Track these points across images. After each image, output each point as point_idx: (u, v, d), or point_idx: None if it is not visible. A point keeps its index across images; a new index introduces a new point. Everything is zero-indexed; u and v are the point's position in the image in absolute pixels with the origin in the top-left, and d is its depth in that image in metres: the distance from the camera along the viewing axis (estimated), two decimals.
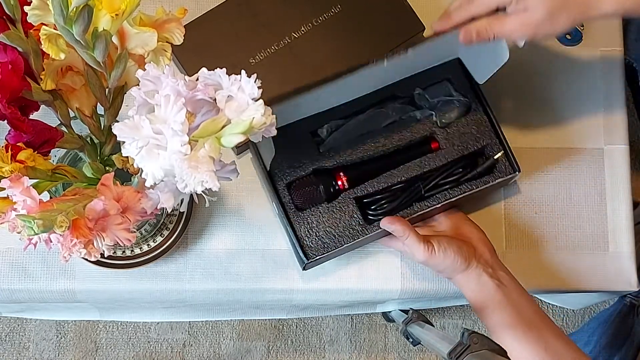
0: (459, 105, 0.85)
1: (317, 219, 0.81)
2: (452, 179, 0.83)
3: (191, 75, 0.53)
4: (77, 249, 0.54)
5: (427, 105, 0.85)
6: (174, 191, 0.57)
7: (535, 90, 0.93)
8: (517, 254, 0.89)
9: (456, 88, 0.85)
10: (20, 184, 0.53)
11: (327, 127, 0.84)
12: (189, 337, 1.53)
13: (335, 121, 0.84)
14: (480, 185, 0.83)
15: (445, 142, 0.84)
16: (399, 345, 1.55)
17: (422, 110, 0.85)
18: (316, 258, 0.81)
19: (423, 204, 0.82)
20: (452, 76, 0.85)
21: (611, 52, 0.94)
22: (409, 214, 0.82)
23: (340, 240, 0.81)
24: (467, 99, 0.85)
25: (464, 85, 0.85)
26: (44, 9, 0.53)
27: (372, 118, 0.84)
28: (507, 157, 0.84)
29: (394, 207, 0.82)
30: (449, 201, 0.82)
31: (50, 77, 0.59)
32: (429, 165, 0.83)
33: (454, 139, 0.84)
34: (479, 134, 0.84)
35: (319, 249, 0.81)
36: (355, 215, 0.82)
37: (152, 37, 0.57)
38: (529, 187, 0.91)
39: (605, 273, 0.90)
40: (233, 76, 0.52)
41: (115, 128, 0.50)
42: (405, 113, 0.85)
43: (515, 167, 0.83)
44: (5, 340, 1.51)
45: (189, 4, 0.90)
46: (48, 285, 0.84)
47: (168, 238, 0.82)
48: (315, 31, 0.87)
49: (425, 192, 0.82)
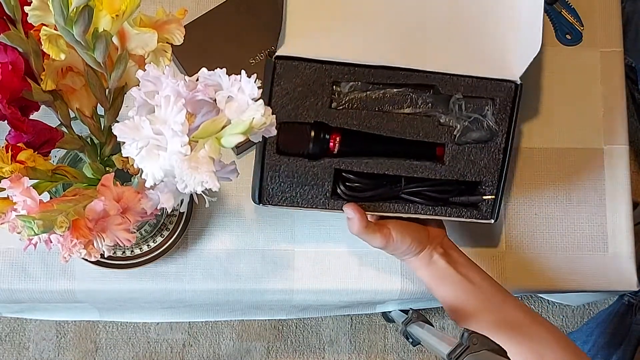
0: (485, 131, 0.78)
1: (290, 169, 0.77)
2: (434, 195, 0.79)
3: (191, 75, 0.53)
4: (77, 249, 0.54)
5: (457, 114, 0.78)
6: (174, 192, 0.57)
7: (535, 90, 0.93)
8: (517, 254, 0.89)
9: (494, 113, 0.78)
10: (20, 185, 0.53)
11: (351, 84, 0.77)
12: (189, 338, 1.53)
13: (363, 83, 0.77)
14: (452, 215, 0.79)
15: (451, 158, 0.78)
16: (399, 345, 1.55)
17: (449, 116, 0.78)
18: (268, 204, 0.77)
19: (392, 206, 0.78)
20: (499, 99, 0.77)
21: (611, 52, 0.94)
22: (374, 208, 0.78)
23: (300, 201, 0.77)
24: (497, 129, 0.78)
25: (504, 114, 0.78)
26: (44, 10, 0.53)
27: (399, 98, 0.78)
28: (494, 203, 0.79)
29: (367, 195, 0.78)
30: (417, 216, 0.79)
31: (50, 77, 0.59)
32: (421, 173, 0.78)
33: (460, 160, 0.78)
34: (485, 168, 0.79)
35: (276, 198, 0.77)
36: (326, 184, 0.77)
37: (152, 38, 0.57)
38: (529, 187, 0.91)
39: (605, 273, 0.90)
40: (233, 76, 0.52)
41: (115, 129, 0.50)
42: (432, 111, 0.78)
43: (495, 215, 0.79)
44: (5, 340, 1.51)
45: (189, 4, 0.90)
46: (48, 286, 0.84)
47: (168, 238, 0.82)
48: None
49: (402, 193, 0.79)
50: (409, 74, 0.77)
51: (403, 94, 0.78)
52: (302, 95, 0.76)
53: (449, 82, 0.77)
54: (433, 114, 0.79)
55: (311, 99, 0.76)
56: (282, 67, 0.75)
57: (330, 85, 0.76)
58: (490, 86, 0.77)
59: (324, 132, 0.77)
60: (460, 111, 0.78)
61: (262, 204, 0.77)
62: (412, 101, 0.78)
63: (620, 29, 0.95)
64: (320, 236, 0.88)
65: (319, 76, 0.76)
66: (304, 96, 0.76)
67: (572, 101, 0.93)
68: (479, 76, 0.77)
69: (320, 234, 0.88)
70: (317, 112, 0.76)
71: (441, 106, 0.79)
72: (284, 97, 0.76)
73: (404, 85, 0.78)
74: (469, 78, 0.77)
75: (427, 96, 0.78)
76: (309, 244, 0.87)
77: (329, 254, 0.88)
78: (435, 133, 0.78)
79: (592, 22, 0.95)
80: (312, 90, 0.76)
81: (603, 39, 0.95)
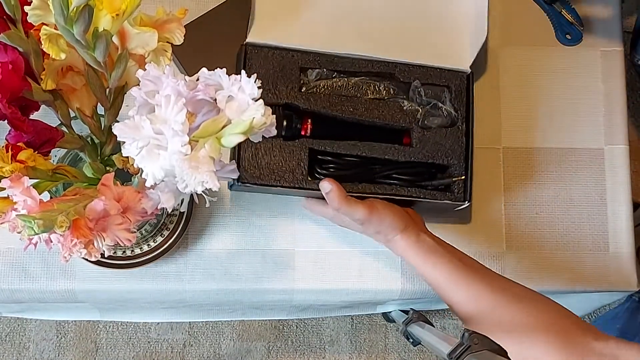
0: (445, 116, 0.84)
1: (266, 150, 0.80)
2: (406, 178, 0.82)
3: (191, 75, 0.53)
4: (78, 249, 0.54)
5: (417, 100, 0.84)
6: (174, 191, 0.57)
7: (535, 90, 0.93)
8: (517, 255, 0.89)
9: (452, 99, 0.84)
10: (20, 184, 0.53)
11: (318, 71, 0.82)
12: (189, 338, 1.53)
13: (329, 71, 0.83)
14: (427, 197, 0.82)
15: (417, 142, 0.83)
16: (399, 345, 1.55)
17: (411, 102, 0.84)
18: (246, 183, 0.79)
19: (368, 187, 0.81)
20: (454, 86, 0.84)
21: (611, 52, 0.94)
22: (352, 188, 0.81)
23: (277, 180, 0.80)
24: (456, 114, 0.84)
25: (461, 100, 0.84)
26: (45, 9, 0.53)
27: (362, 86, 0.83)
28: (465, 184, 0.83)
29: (342, 175, 0.81)
30: (393, 196, 0.81)
31: (50, 77, 0.59)
32: (392, 155, 0.82)
33: (427, 143, 0.83)
34: (451, 151, 0.83)
35: (253, 177, 0.79)
36: (302, 163, 0.80)
37: (152, 37, 0.57)
38: (529, 187, 0.91)
39: (606, 273, 0.90)
40: (233, 76, 0.52)
41: (115, 128, 0.50)
42: (395, 97, 0.84)
43: (467, 196, 0.82)
44: (6, 340, 1.51)
45: (189, 4, 0.90)
46: (48, 285, 0.84)
47: (168, 238, 0.82)
48: None
49: (377, 177, 0.82)
50: (370, 62, 0.84)
51: (365, 81, 0.84)
52: (272, 80, 0.81)
53: (406, 71, 0.84)
54: (395, 100, 0.84)
55: (281, 84, 0.81)
56: (252, 53, 0.81)
57: (298, 72, 0.82)
58: (445, 74, 0.84)
59: (295, 114, 0.81)
60: (420, 97, 0.84)
61: (241, 182, 0.79)
62: (375, 88, 0.84)
63: (620, 28, 0.95)
64: (320, 236, 0.88)
65: (287, 63, 0.82)
66: (275, 81, 0.81)
67: (572, 101, 0.93)
68: (433, 65, 0.84)
69: (321, 233, 0.88)
70: (288, 96, 0.81)
71: (402, 93, 0.84)
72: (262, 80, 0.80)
73: (366, 74, 0.84)
74: (424, 67, 0.84)
75: (388, 83, 0.84)
76: (309, 244, 0.87)
77: (329, 253, 0.88)
78: (400, 117, 0.83)
79: (592, 22, 0.95)
80: (281, 75, 0.82)
81: (603, 39, 0.95)
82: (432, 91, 0.84)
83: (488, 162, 0.91)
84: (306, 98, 0.81)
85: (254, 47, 0.81)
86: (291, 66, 0.82)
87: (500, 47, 0.94)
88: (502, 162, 0.91)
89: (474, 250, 0.89)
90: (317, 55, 0.82)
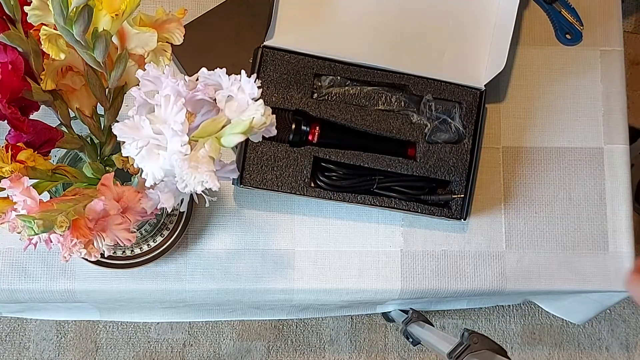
0: (453, 132, 0.84)
1: (271, 154, 0.81)
2: (406, 191, 0.83)
3: (191, 75, 0.53)
4: (77, 249, 0.54)
5: (427, 114, 0.84)
6: (174, 191, 0.57)
7: (535, 90, 0.93)
8: (517, 254, 0.89)
9: (462, 116, 0.84)
10: (20, 184, 0.53)
11: (331, 78, 0.83)
12: (189, 337, 1.53)
13: (342, 78, 0.83)
14: (424, 212, 0.83)
15: (422, 156, 0.83)
16: (399, 345, 1.55)
17: (420, 116, 0.84)
18: (248, 186, 0.81)
19: (368, 198, 0.82)
20: (466, 103, 0.84)
21: (611, 52, 0.94)
22: (350, 199, 0.82)
23: (280, 185, 0.81)
24: (464, 131, 0.84)
25: (471, 117, 0.84)
26: (44, 9, 0.53)
27: (374, 96, 0.84)
28: (464, 203, 0.84)
29: (342, 185, 0.82)
30: (390, 209, 0.82)
31: (50, 77, 0.59)
32: (395, 167, 0.83)
33: (431, 158, 0.83)
34: (454, 168, 0.84)
35: (256, 180, 0.81)
36: (306, 171, 0.81)
37: (152, 37, 0.57)
38: (529, 187, 0.91)
39: (605, 273, 0.90)
40: (233, 76, 0.52)
41: (115, 128, 0.50)
42: (405, 110, 0.84)
43: (464, 215, 0.83)
44: (6, 340, 1.51)
45: (189, 4, 0.90)
46: (48, 285, 0.84)
47: (168, 238, 0.82)
48: None
49: (376, 188, 0.83)
50: (384, 73, 0.84)
51: (378, 92, 0.84)
52: (285, 84, 0.81)
53: (419, 84, 0.84)
54: (405, 112, 0.84)
55: (294, 88, 0.81)
56: (267, 56, 0.82)
57: (311, 77, 0.82)
58: (458, 90, 0.84)
59: (304, 120, 0.82)
60: (431, 112, 0.84)
61: (243, 185, 0.80)
62: (386, 99, 0.84)
63: (620, 28, 0.95)
64: (320, 236, 0.88)
65: (302, 68, 0.82)
66: (287, 85, 0.82)
67: (572, 101, 0.93)
68: (447, 80, 0.84)
69: (320, 233, 0.88)
70: (299, 101, 0.82)
71: (413, 106, 0.85)
72: (268, 84, 0.81)
73: (379, 84, 0.84)
74: (438, 82, 0.84)
75: (400, 95, 0.84)
76: (309, 244, 0.88)
77: (329, 253, 0.88)
78: (407, 130, 0.84)
79: (592, 22, 0.95)
80: (295, 80, 0.82)
81: (603, 39, 0.95)
82: (443, 106, 0.84)
83: (488, 162, 0.91)
84: (317, 105, 0.82)
85: (270, 49, 0.81)
86: (305, 71, 0.82)
87: None
88: (502, 162, 0.91)
89: (473, 250, 0.89)
90: (332, 63, 0.83)
